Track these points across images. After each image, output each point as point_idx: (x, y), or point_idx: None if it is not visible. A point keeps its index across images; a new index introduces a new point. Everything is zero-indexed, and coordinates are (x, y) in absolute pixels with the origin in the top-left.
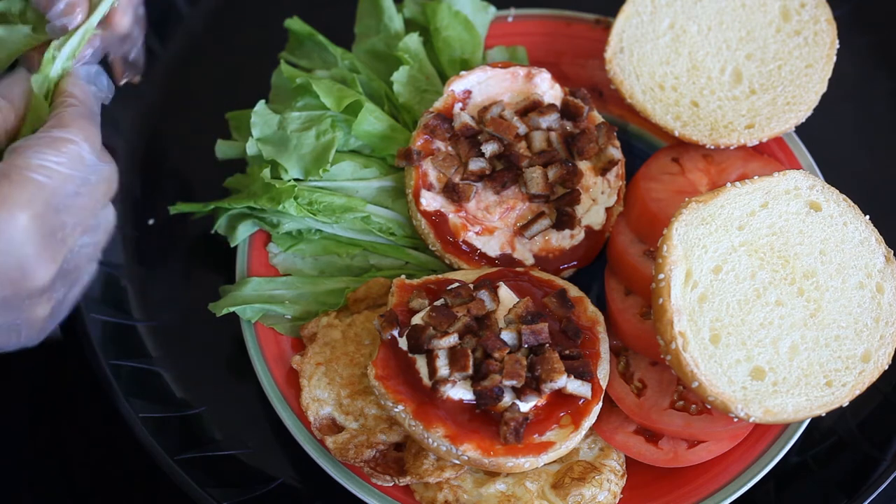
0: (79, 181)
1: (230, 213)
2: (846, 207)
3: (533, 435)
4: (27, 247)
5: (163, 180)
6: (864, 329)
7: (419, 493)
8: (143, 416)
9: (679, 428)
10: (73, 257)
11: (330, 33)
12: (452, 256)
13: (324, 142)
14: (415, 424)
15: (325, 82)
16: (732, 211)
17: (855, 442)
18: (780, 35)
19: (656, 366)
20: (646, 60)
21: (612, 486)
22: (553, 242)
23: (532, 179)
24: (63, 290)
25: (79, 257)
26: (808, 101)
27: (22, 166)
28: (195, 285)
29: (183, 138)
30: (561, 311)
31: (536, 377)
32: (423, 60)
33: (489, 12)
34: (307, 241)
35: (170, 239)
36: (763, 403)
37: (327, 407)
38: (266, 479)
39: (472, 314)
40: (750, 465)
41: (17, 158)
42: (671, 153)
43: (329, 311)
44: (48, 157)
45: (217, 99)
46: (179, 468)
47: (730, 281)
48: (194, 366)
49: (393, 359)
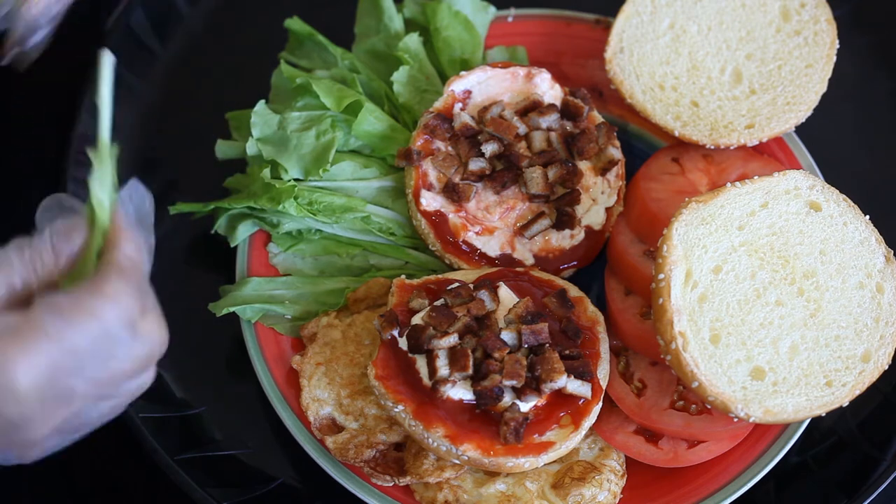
0: (102, 355)
1: (230, 213)
2: (846, 207)
3: (533, 435)
4: (21, 405)
5: (163, 180)
6: (864, 329)
7: (419, 493)
8: (143, 416)
9: (679, 428)
10: (80, 418)
11: (330, 33)
12: (452, 256)
13: (324, 142)
14: (415, 424)
15: (325, 82)
16: (732, 211)
17: (855, 442)
18: (780, 35)
19: (656, 366)
20: (646, 60)
21: (612, 486)
22: (553, 242)
23: (532, 179)
24: (59, 440)
25: (87, 418)
26: (808, 101)
27: (37, 325)
28: (195, 285)
29: (183, 138)
30: (561, 311)
31: (536, 377)
32: (423, 60)
33: (489, 12)
34: (307, 241)
35: (170, 239)
36: (763, 403)
37: (327, 407)
38: (266, 479)
39: (472, 314)
40: (750, 465)
41: (35, 313)
42: (671, 153)
43: (329, 311)
44: (66, 323)
45: (217, 99)
46: (179, 468)
47: (730, 281)
48: (194, 366)
49: (393, 359)
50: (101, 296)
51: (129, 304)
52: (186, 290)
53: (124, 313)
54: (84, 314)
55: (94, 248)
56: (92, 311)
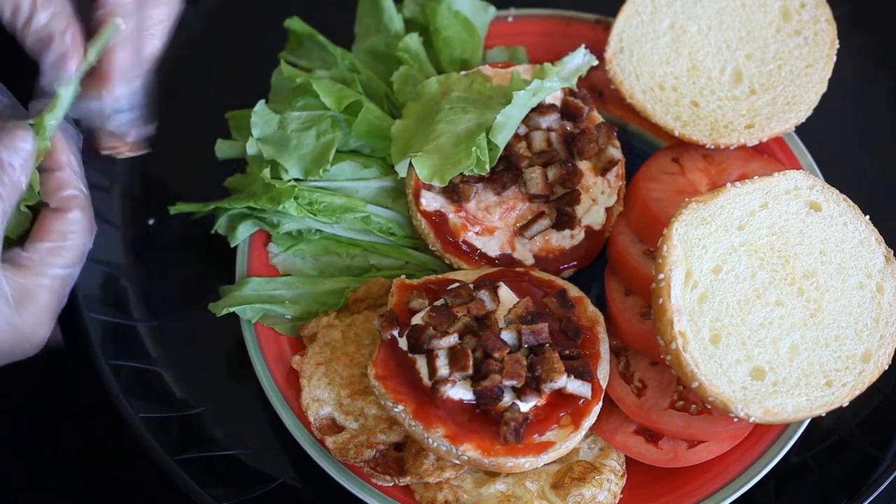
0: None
1: (230, 213)
2: (846, 207)
3: (533, 435)
4: (43, 333)
5: (163, 180)
6: (864, 329)
7: (419, 493)
8: (143, 416)
9: (679, 428)
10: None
11: (330, 33)
12: (452, 256)
13: (324, 142)
14: (415, 424)
15: (325, 82)
16: (732, 211)
17: (855, 442)
18: (780, 35)
19: (656, 366)
20: (646, 60)
21: (612, 486)
22: (553, 242)
23: (532, 179)
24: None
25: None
26: (808, 101)
27: (38, 282)
28: (195, 285)
29: (183, 138)
30: (561, 311)
31: (536, 377)
32: (423, 60)
33: (489, 12)
34: (307, 241)
35: (170, 239)
36: (763, 403)
37: (327, 407)
38: (266, 479)
39: (472, 314)
40: (750, 465)
41: (30, 273)
42: (671, 153)
43: (329, 311)
44: (60, 263)
45: (217, 99)
46: (179, 468)
47: (730, 281)
48: (194, 366)
49: (393, 359)
50: (68, 222)
51: (87, 221)
52: (186, 290)
53: (88, 228)
54: (63, 241)
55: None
56: (70, 240)
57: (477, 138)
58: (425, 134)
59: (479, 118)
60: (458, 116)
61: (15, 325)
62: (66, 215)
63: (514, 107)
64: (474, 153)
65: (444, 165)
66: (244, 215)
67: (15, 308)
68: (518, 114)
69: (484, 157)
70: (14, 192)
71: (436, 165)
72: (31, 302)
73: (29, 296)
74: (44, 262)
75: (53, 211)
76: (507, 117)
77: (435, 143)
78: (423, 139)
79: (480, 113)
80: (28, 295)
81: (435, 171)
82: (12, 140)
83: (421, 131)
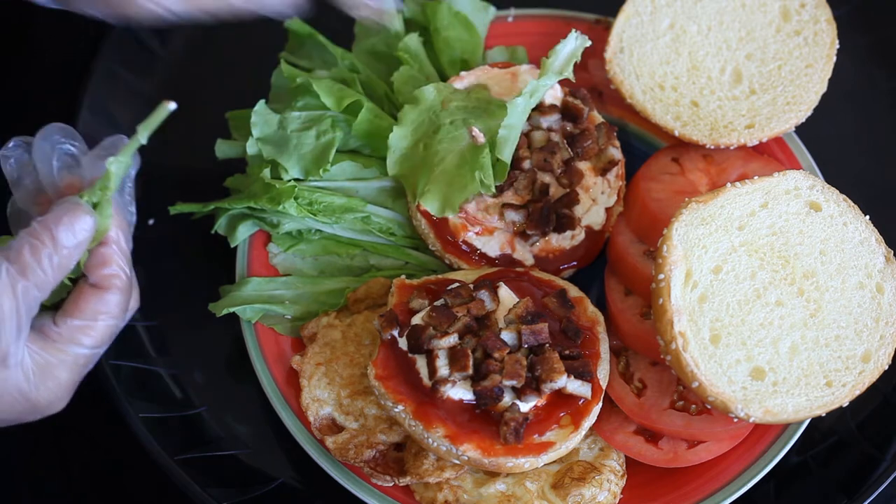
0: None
1: (230, 213)
2: (846, 207)
3: (533, 435)
4: (59, 407)
5: (163, 180)
6: (864, 329)
7: (419, 493)
8: (143, 416)
9: (679, 428)
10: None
11: (330, 33)
12: (452, 256)
13: (324, 142)
14: (415, 424)
15: (325, 82)
16: (732, 211)
17: (855, 442)
18: (780, 35)
19: (656, 366)
20: (646, 60)
21: (612, 486)
22: (553, 243)
23: (528, 184)
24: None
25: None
26: (808, 101)
27: (62, 359)
28: (195, 285)
29: (183, 138)
30: (561, 311)
31: (536, 377)
32: (423, 60)
33: (489, 12)
34: (307, 241)
35: (170, 239)
36: (763, 403)
37: (327, 407)
38: (266, 479)
39: (472, 314)
40: (750, 465)
41: (55, 348)
42: (671, 153)
43: (329, 311)
44: (87, 344)
45: (217, 99)
46: (179, 468)
47: (730, 281)
48: (194, 366)
49: (393, 359)
50: (104, 314)
51: (122, 310)
52: (186, 290)
53: (122, 314)
54: (91, 327)
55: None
56: (102, 327)
57: (480, 157)
58: (427, 159)
59: (482, 130)
60: (460, 132)
61: (31, 398)
62: (104, 295)
63: (513, 116)
64: (477, 177)
65: (451, 192)
66: (244, 215)
67: (35, 384)
68: (519, 122)
69: (488, 180)
70: (60, 274)
71: (443, 196)
72: (51, 378)
73: (50, 371)
74: (72, 339)
75: (91, 287)
76: (509, 129)
77: (440, 168)
78: (428, 168)
79: (483, 123)
80: (49, 370)
81: (444, 203)
82: (72, 222)
83: (422, 149)
